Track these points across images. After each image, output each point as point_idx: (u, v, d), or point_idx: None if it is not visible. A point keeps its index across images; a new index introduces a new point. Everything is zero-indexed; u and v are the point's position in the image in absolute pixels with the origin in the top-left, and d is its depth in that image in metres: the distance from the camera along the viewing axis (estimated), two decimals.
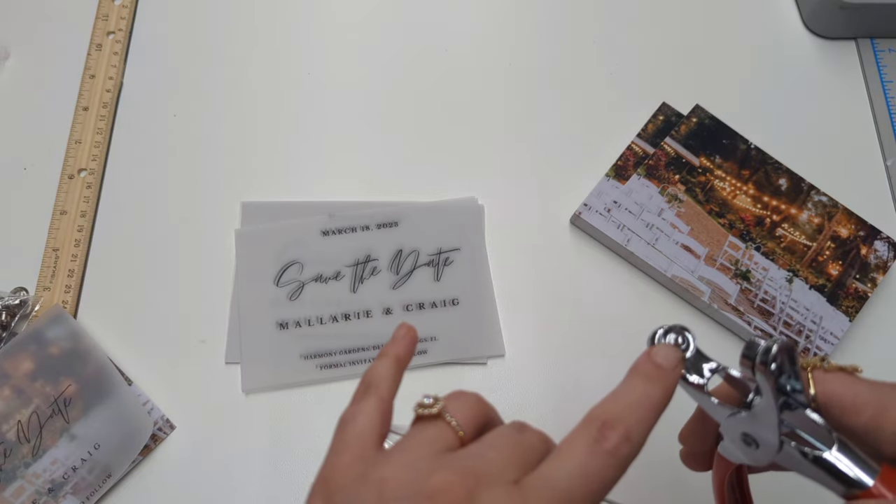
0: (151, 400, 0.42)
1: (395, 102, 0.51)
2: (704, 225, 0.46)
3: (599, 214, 0.46)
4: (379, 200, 0.47)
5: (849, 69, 0.53)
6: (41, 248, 0.46)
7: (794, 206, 0.46)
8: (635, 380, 0.24)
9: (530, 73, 0.52)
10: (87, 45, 0.52)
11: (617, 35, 0.53)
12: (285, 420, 0.42)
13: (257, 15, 0.54)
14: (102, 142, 0.49)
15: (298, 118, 0.50)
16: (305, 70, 0.52)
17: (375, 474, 0.22)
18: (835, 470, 0.23)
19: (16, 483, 0.39)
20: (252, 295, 0.45)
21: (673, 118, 0.49)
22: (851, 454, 0.24)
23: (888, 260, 0.45)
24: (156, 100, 0.51)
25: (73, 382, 0.41)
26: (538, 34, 0.53)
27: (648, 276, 0.46)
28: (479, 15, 0.54)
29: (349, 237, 0.46)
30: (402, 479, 0.22)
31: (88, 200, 0.47)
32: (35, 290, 0.45)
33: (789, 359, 0.24)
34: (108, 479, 0.40)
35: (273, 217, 0.47)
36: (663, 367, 0.24)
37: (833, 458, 0.24)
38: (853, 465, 0.23)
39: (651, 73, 0.52)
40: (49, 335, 0.42)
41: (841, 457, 0.24)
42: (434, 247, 0.46)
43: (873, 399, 0.24)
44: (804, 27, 0.54)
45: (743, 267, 0.45)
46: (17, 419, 0.40)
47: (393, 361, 0.27)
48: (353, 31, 0.53)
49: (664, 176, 0.47)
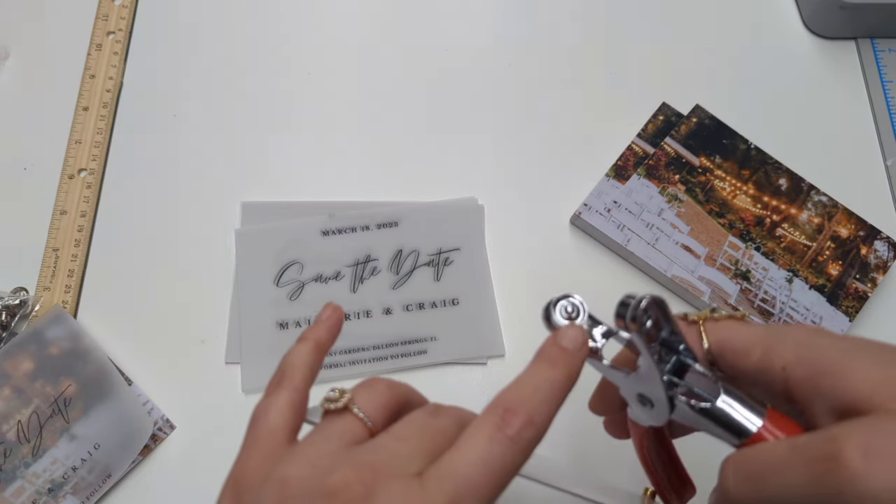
0: (151, 400, 0.42)
1: (395, 102, 0.51)
2: (704, 225, 0.46)
3: (599, 214, 0.46)
4: (379, 200, 0.47)
5: (849, 69, 0.53)
6: (41, 248, 0.46)
7: (794, 206, 0.46)
8: (539, 364, 0.24)
9: (530, 73, 0.52)
10: (87, 45, 0.52)
11: (617, 35, 0.53)
12: None
13: (257, 15, 0.54)
14: (102, 142, 0.49)
15: (299, 118, 0.50)
16: (305, 70, 0.52)
17: (279, 473, 0.22)
18: (722, 419, 0.24)
19: (16, 483, 0.39)
20: (252, 295, 0.45)
21: (673, 118, 0.49)
22: (738, 400, 0.24)
23: (888, 260, 0.45)
24: (156, 100, 0.51)
25: (73, 382, 0.41)
26: (538, 34, 0.53)
27: (648, 276, 0.46)
28: (479, 15, 0.54)
29: (349, 237, 0.46)
30: (302, 478, 0.21)
31: (88, 200, 0.47)
32: (35, 290, 0.45)
33: (662, 313, 0.24)
34: (108, 479, 0.40)
35: (273, 217, 0.47)
36: (567, 350, 0.25)
37: (720, 406, 0.24)
38: (740, 410, 0.23)
39: (651, 73, 0.52)
40: (49, 335, 0.42)
41: (727, 404, 0.24)
42: (434, 247, 0.46)
43: (762, 339, 0.24)
44: (804, 27, 0.54)
45: (743, 267, 0.45)
46: (17, 419, 0.40)
47: (312, 347, 0.26)
48: (354, 31, 0.53)
49: (664, 176, 0.47)
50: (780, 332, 0.24)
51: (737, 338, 0.25)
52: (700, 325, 0.26)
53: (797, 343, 0.23)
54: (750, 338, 0.24)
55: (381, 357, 0.43)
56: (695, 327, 0.26)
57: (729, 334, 0.25)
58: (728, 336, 0.25)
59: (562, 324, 0.26)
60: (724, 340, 0.25)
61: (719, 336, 0.25)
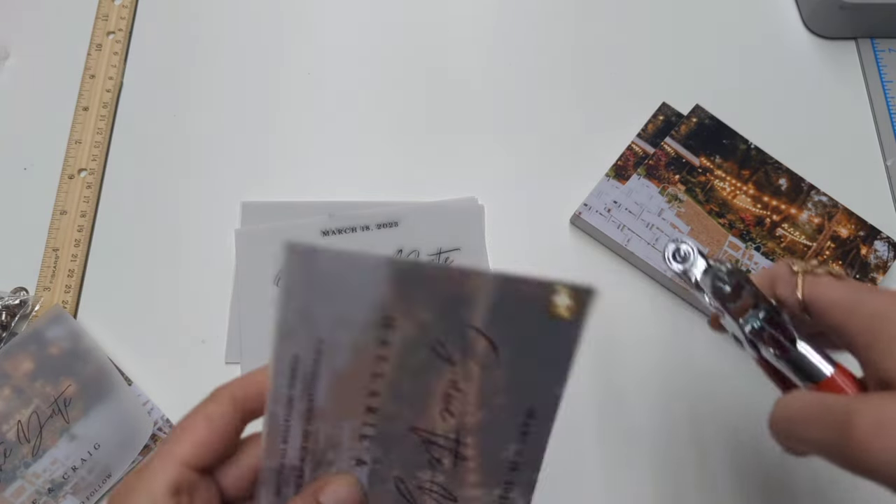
0: (151, 400, 0.42)
1: (394, 102, 0.51)
2: (704, 225, 0.46)
3: (599, 214, 0.46)
4: (379, 200, 0.47)
5: (849, 69, 0.53)
6: (41, 248, 0.46)
7: (794, 206, 0.46)
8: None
9: (530, 73, 0.52)
10: (87, 45, 0.52)
11: (617, 35, 0.53)
12: None
13: (257, 15, 0.54)
14: (102, 142, 0.49)
15: (298, 118, 0.50)
16: (305, 70, 0.52)
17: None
18: (799, 364, 0.28)
19: (16, 483, 0.39)
20: (252, 295, 0.45)
21: (673, 118, 0.49)
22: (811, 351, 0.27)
23: (888, 260, 0.45)
24: (156, 100, 0.51)
25: (73, 382, 0.41)
26: (538, 34, 0.53)
27: (648, 276, 0.46)
28: (479, 15, 0.54)
29: (349, 237, 0.46)
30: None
31: (88, 200, 0.47)
32: (35, 290, 0.45)
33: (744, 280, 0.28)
34: (108, 479, 0.40)
35: (273, 217, 0.47)
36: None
37: (799, 352, 0.27)
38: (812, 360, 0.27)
39: (651, 73, 0.52)
40: (49, 335, 0.42)
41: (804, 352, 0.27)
42: (434, 247, 0.46)
43: (845, 300, 0.26)
44: (804, 27, 0.54)
45: (743, 267, 0.45)
46: (17, 419, 0.40)
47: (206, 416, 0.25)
48: (353, 31, 0.53)
49: (664, 176, 0.47)
50: (861, 297, 0.26)
51: (827, 295, 0.27)
52: (800, 276, 0.28)
53: (869, 311, 0.25)
54: (835, 298, 0.27)
55: None
56: (795, 277, 0.28)
57: (820, 291, 0.27)
58: (820, 291, 0.27)
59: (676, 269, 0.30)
60: (816, 294, 0.27)
61: (813, 290, 0.28)
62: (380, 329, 0.23)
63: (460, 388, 0.24)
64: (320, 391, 0.23)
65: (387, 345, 0.23)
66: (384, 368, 0.23)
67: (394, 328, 0.23)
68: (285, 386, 0.23)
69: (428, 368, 0.23)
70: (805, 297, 0.28)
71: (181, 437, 0.24)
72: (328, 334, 0.23)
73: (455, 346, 0.23)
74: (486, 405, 0.24)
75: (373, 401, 0.24)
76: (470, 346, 0.23)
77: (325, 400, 0.24)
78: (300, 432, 0.24)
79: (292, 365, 0.23)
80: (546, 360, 0.23)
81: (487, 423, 0.24)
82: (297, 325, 0.23)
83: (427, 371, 0.23)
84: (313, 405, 0.24)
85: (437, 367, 0.23)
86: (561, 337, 0.23)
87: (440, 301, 0.23)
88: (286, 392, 0.23)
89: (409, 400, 0.24)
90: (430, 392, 0.24)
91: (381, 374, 0.23)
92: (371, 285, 0.22)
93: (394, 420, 0.24)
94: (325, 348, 0.23)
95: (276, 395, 0.23)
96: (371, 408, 0.24)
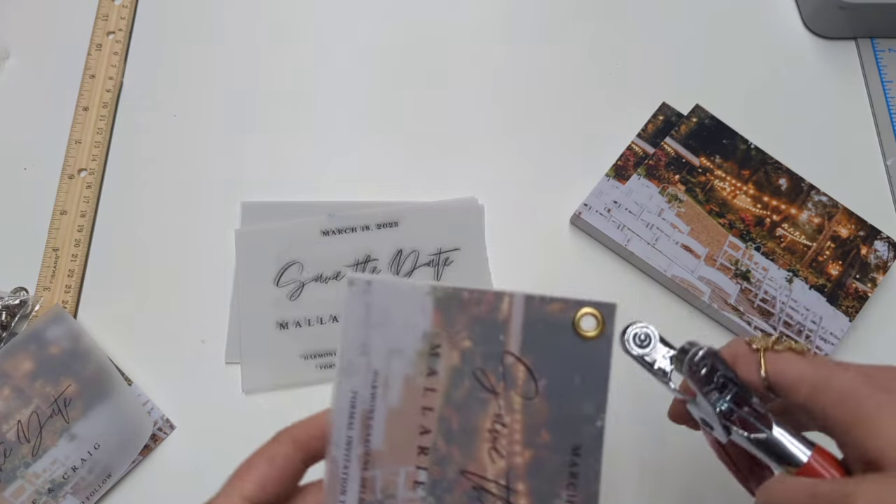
0: (151, 400, 0.42)
1: (395, 102, 0.51)
2: (704, 225, 0.46)
3: (599, 214, 0.46)
4: (379, 200, 0.47)
5: (849, 69, 0.53)
6: (41, 248, 0.46)
7: (794, 206, 0.46)
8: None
9: (530, 73, 0.52)
10: (87, 45, 0.52)
11: (617, 35, 0.53)
12: (285, 420, 0.42)
13: (257, 15, 0.54)
14: (102, 142, 0.49)
15: (298, 118, 0.50)
16: (306, 70, 0.52)
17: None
18: (775, 449, 0.26)
19: (16, 483, 0.39)
20: (252, 295, 0.45)
21: (673, 118, 0.49)
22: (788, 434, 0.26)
23: (888, 260, 0.45)
24: (156, 100, 0.51)
25: (73, 382, 0.41)
26: (538, 34, 0.53)
27: (648, 276, 0.46)
28: (478, 14, 0.54)
29: (349, 237, 0.46)
30: None
31: (88, 200, 0.47)
32: (35, 290, 0.45)
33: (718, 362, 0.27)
34: (108, 479, 0.40)
35: (273, 217, 0.47)
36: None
37: (775, 437, 0.26)
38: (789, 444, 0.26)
39: (651, 73, 0.52)
40: (49, 335, 0.42)
41: (780, 437, 0.26)
42: (434, 247, 0.46)
43: (811, 377, 0.26)
44: (804, 27, 0.54)
45: (743, 267, 0.45)
46: (17, 419, 0.40)
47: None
48: (353, 31, 0.53)
49: (664, 176, 0.47)
50: (828, 373, 0.25)
51: (790, 372, 0.26)
52: (761, 353, 0.27)
53: (840, 389, 0.25)
54: (801, 374, 0.26)
55: None
56: (756, 355, 0.27)
57: (784, 367, 0.26)
58: (783, 368, 0.26)
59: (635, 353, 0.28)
60: (779, 372, 0.26)
61: (776, 367, 0.27)
62: (427, 358, 0.24)
63: (505, 423, 0.24)
64: (376, 430, 0.24)
65: (434, 375, 0.24)
66: (433, 401, 0.24)
67: (439, 356, 0.24)
68: (345, 426, 0.24)
69: (473, 400, 0.24)
70: (769, 374, 0.27)
71: (244, 475, 0.25)
72: (382, 367, 0.24)
73: (495, 373, 0.24)
74: (532, 443, 0.24)
75: (424, 439, 0.25)
76: (510, 373, 0.24)
77: (381, 440, 0.24)
78: (358, 481, 0.25)
79: (352, 402, 0.24)
80: (581, 384, 0.24)
81: (536, 464, 0.24)
82: (356, 360, 0.24)
83: (472, 403, 0.24)
84: (370, 448, 0.24)
85: (481, 398, 0.24)
86: (591, 358, 0.24)
87: (478, 325, 0.24)
88: (345, 433, 0.24)
89: (458, 438, 0.24)
90: (478, 428, 0.24)
91: (430, 407, 0.24)
92: (419, 314, 0.24)
93: (445, 463, 0.25)
94: (380, 382, 0.24)
95: (336, 437, 0.25)
96: (423, 448, 0.24)
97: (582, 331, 0.24)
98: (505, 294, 0.24)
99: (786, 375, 0.26)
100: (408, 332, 0.24)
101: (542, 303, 0.24)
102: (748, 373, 0.27)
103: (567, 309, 0.24)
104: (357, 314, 0.24)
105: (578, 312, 0.24)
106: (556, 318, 0.24)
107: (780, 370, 0.26)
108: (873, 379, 0.25)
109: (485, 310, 0.24)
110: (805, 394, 0.25)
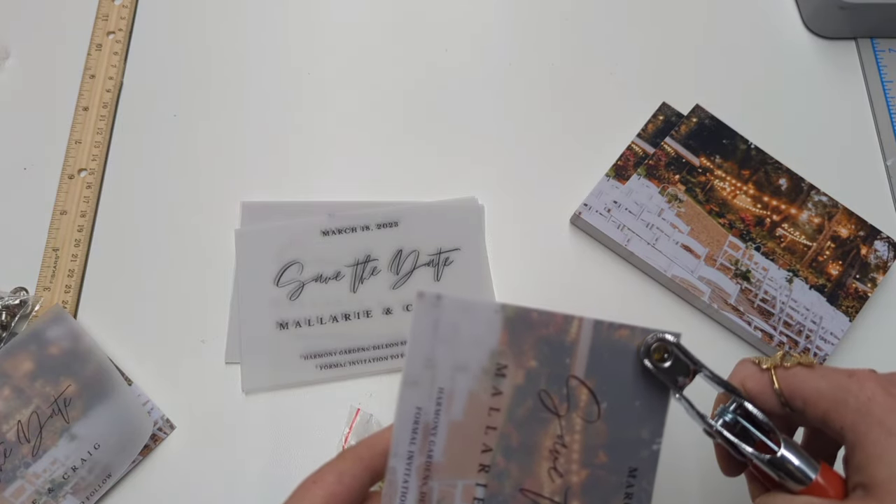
0: (151, 400, 0.42)
1: (395, 102, 0.51)
2: (704, 225, 0.46)
3: (599, 214, 0.46)
4: (379, 200, 0.47)
5: (849, 69, 0.53)
6: (41, 248, 0.46)
7: (794, 206, 0.46)
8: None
9: (530, 73, 0.52)
10: (87, 45, 0.52)
11: (617, 35, 0.53)
12: (285, 420, 0.42)
13: (257, 15, 0.54)
14: (102, 142, 0.49)
15: (298, 118, 0.50)
16: (305, 70, 0.52)
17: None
18: (783, 468, 0.26)
19: (16, 483, 0.39)
20: (252, 295, 0.45)
21: (673, 118, 0.49)
22: (795, 452, 0.26)
23: (888, 260, 0.45)
24: (156, 100, 0.51)
25: (73, 382, 0.41)
26: (538, 34, 0.53)
27: (648, 276, 0.46)
28: (478, 14, 0.54)
29: (349, 237, 0.46)
30: None
31: (88, 200, 0.47)
32: (35, 290, 0.45)
33: (681, 353, 0.26)
34: (108, 479, 0.40)
35: (273, 217, 0.47)
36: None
37: (781, 455, 0.26)
38: (796, 462, 0.26)
39: (651, 73, 0.52)
40: (49, 335, 0.42)
41: (787, 456, 0.26)
42: (434, 247, 0.46)
43: (829, 393, 0.26)
44: (804, 27, 0.54)
45: (743, 267, 0.45)
46: (17, 419, 0.40)
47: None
48: (353, 31, 0.53)
49: (664, 176, 0.47)
50: (845, 389, 0.25)
51: (806, 388, 0.26)
52: (772, 371, 0.27)
53: (857, 408, 0.25)
54: (817, 390, 0.26)
55: (381, 357, 0.43)
56: (766, 374, 0.27)
57: (798, 384, 0.26)
58: (797, 385, 0.26)
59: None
60: (794, 389, 0.26)
61: (790, 384, 0.27)
62: (493, 377, 0.24)
63: (566, 444, 0.24)
64: (438, 444, 0.24)
65: (499, 394, 0.24)
66: (496, 420, 0.24)
67: (505, 376, 0.24)
68: (407, 440, 0.24)
69: (534, 419, 0.24)
70: (783, 392, 0.27)
71: (315, 491, 0.25)
72: (448, 383, 0.24)
73: (559, 395, 0.24)
74: (590, 463, 0.25)
75: (485, 457, 0.25)
76: (573, 395, 0.24)
77: (442, 454, 0.24)
78: (416, 494, 0.25)
79: (415, 417, 0.24)
80: (640, 409, 0.24)
81: (591, 484, 0.25)
82: (421, 374, 0.24)
83: (533, 422, 0.24)
84: (431, 460, 0.24)
85: (542, 417, 0.24)
86: (653, 386, 0.24)
87: (545, 346, 0.24)
88: (407, 447, 0.24)
89: (518, 455, 0.25)
90: (539, 447, 0.25)
91: (493, 426, 0.24)
92: (487, 332, 0.24)
93: (504, 479, 0.25)
94: (445, 398, 0.24)
95: (397, 449, 0.24)
96: (483, 465, 0.25)
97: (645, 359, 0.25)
98: (574, 318, 0.24)
99: (802, 392, 0.26)
100: (475, 349, 0.24)
101: (610, 329, 0.24)
102: (761, 393, 0.27)
103: (633, 336, 0.24)
104: (425, 328, 0.24)
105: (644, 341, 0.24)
106: (622, 345, 0.24)
107: (794, 387, 0.26)
108: (891, 399, 0.25)
109: (553, 331, 0.24)
110: (823, 410, 0.26)
